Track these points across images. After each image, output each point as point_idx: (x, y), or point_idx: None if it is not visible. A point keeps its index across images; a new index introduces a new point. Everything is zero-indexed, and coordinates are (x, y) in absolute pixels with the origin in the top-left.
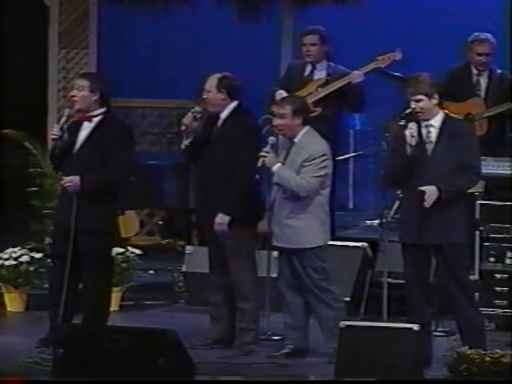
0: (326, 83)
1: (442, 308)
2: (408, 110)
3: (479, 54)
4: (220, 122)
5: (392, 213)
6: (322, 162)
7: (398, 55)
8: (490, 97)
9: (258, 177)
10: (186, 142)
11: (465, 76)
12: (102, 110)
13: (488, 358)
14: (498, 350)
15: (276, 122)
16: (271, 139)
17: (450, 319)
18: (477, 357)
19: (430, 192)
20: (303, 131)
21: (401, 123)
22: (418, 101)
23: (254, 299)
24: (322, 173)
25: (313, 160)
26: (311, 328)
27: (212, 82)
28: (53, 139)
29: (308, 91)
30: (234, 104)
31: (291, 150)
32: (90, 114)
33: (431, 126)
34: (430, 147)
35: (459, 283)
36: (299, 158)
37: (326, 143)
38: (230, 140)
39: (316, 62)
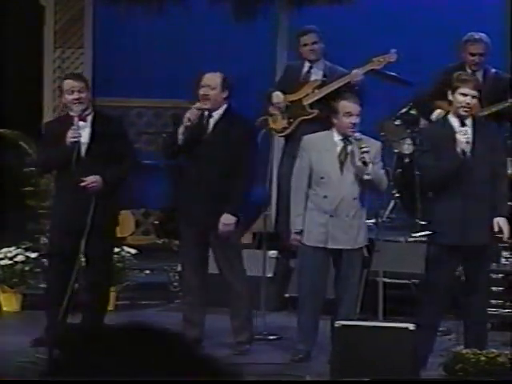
0: (323, 84)
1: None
2: (404, 110)
3: (473, 54)
4: (213, 122)
5: (387, 212)
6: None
7: (393, 57)
8: (484, 96)
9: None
10: (182, 138)
11: None
12: (91, 107)
13: (483, 358)
14: (493, 350)
15: (355, 120)
16: (358, 135)
17: (445, 319)
18: (472, 356)
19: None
20: None
21: (396, 123)
22: (474, 97)
23: (247, 297)
24: None
25: (379, 155)
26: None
27: (216, 79)
28: (75, 142)
29: (304, 93)
30: (226, 104)
31: (348, 148)
32: (85, 113)
33: (466, 125)
34: (467, 148)
35: (483, 283)
36: (369, 154)
37: None
38: (229, 140)
39: (315, 61)
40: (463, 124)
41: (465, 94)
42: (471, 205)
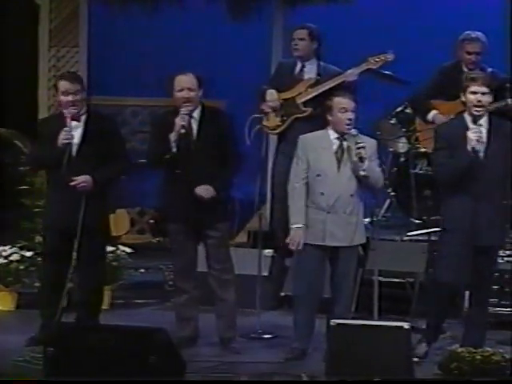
0: (316, 83)
1: None
2: (399, 109)
3: (469, 53)
4: (195, 122)
5: (383, 211)
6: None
7: (390, 56)
8: None
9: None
10: (175, 145)
11: (456, 74)
12: (85, 107)
13: (479, 357)
14: (488, 349)
15: (351, 116)
16: (354, 131)
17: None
18: (467, 355)
19: None
20: None
21: (392, 121)
22: (484, 93)
23: (235, 296)
24: None
25: (375, 152)
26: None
27: (193, 80)
28: (66, 143)
29: (298, 91)
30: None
31: (344, 145)
32: (79, 113)
33: (481, 125)
34: (481, 148)
35: (488, 283)
36: (365, 150)
37: None
38: (214, 136)
39: (304, 59)
40: (476, 122)
41: (475, 92)
42: (483, 205)
